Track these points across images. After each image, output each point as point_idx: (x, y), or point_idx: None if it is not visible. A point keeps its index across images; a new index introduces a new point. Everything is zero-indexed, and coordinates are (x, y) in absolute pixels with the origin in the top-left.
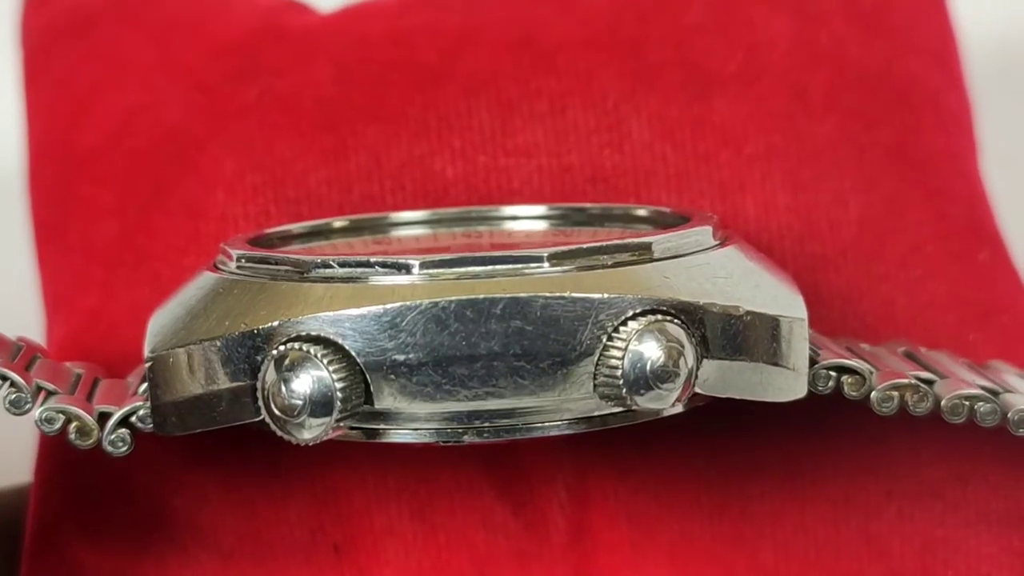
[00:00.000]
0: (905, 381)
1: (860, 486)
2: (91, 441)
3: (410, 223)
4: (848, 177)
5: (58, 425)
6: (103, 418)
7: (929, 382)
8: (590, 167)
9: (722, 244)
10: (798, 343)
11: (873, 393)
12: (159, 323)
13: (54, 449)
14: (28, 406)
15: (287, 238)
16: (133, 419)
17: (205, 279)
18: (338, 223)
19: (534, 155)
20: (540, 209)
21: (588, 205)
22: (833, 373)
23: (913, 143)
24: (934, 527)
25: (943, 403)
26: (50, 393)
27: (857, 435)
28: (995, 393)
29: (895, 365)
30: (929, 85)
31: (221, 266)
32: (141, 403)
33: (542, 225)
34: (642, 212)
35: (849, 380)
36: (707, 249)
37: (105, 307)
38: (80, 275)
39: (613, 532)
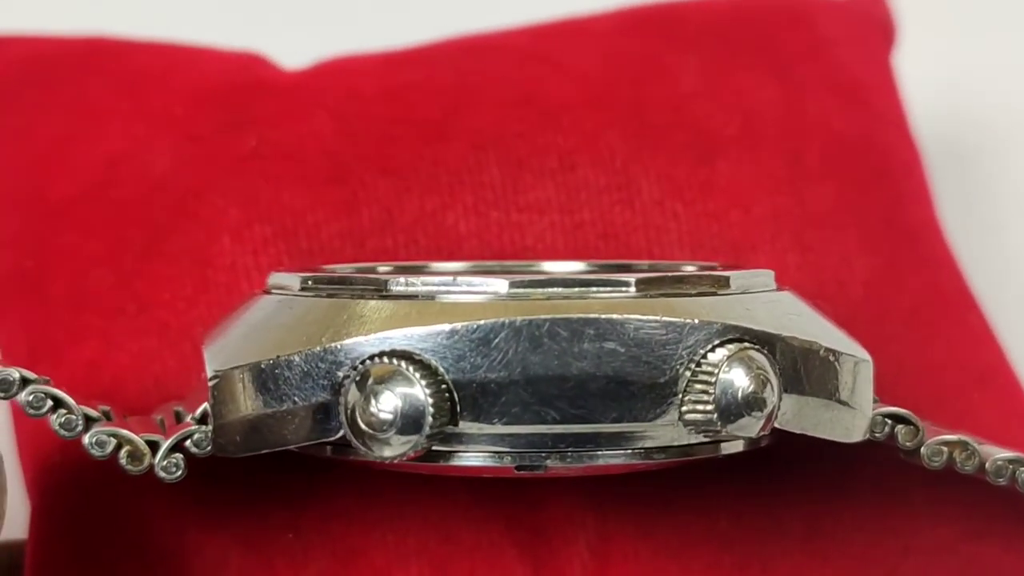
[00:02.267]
0: (954, 438)
1: (879, 544)
2: (143, 466)
3: (452, 273)
4: (850, 240)
5: (110, 449)
6: (152, 445)
7: (976, 443)
8: (601, 223)
9: (779, 290)
10: (863, 384)
11: (923, 447)
12: (218, 345)
13: (54, 507)
14: (79, 428)
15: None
16: (187, 443)
17: (266, 301)
18: (383, 268)
19: (546, 211)
20: (580, 266)
21: (636, 263)
22: (889, 420)
23: (900, 211)
24: None
25: (988, 464)
26: (93, 420)
27: (876, 493)
28: None
29: (935, 427)
30: (901, 158)
31: (277, 291)
32: (195, 428)
33: None
34: (691, 268)
35: (903, 430)
36: (773, 291)
37: (105, 357)
38: (70, 325)
39: None
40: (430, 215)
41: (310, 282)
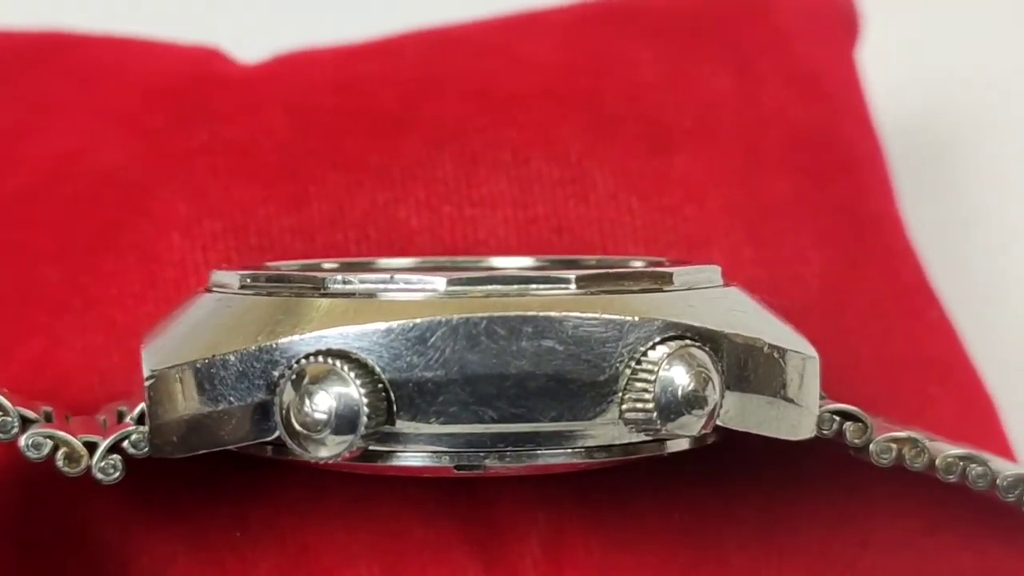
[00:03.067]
0: (903, 434)
1: (836, 538)
2: (80, 468)
3: (398, 269)
4: (806, 232)
5: (46, 451)
6: (90, 446)
7: (926, 440)
8: (555, 218)
9: (726, 285)
10: (809, 381)
11: (872, 444)
12: (156, 344)
13: (3, 508)
14: (14, 430)
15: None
16: (125, 444)
17: (205, 300)
18: (328, 264)
19: (499, 206)
20: (529, 261)
21: (584, 257)
22: (837, 417)
23: (860, 203)
24: None
25: (938, 460)
26: (31, 421)
27: (833, 486)
28: (986, 459)
29: (885, 424)
30: (862, 150)
31: (218, 288)
32: (133, 428)
33: None
34: (639, 263)
35: (852, 427)
36: (719, 286)
37: (50, 354)
38: (16, 322)
39: None
40: (381, 209)
41: (249, 280)
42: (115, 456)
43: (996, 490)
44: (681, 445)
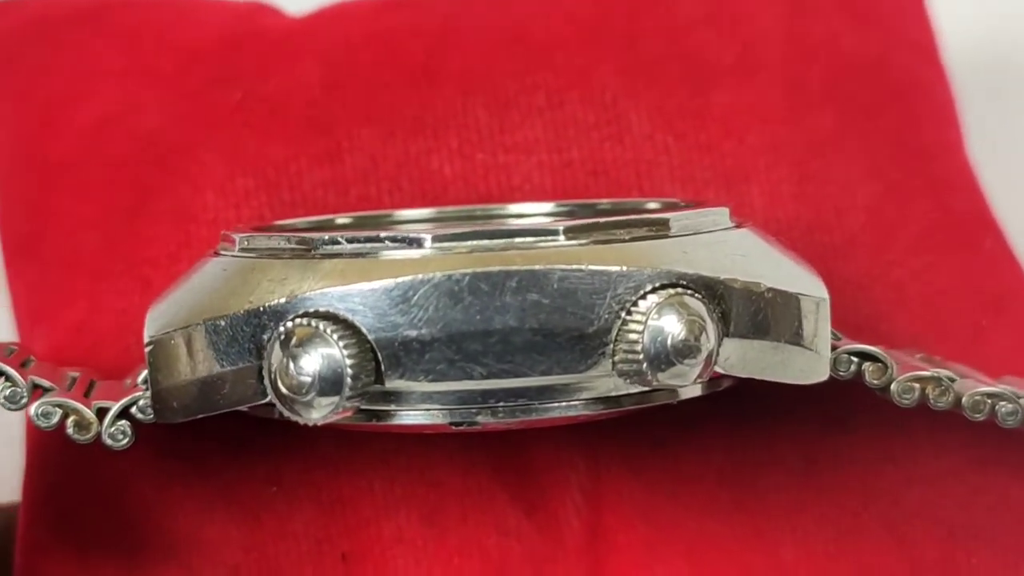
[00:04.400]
0: (927, 373)
1: (880, 474)
2: (90, 435)
3: (415, 221)
4: (853, 166)
5: (55, 420)
6: (101, 413)
7: (950, 379)
8: (591, 161)
9: (738, 227)
10: (820, 324)
11: (893, 384)
12: (159, 310)
13: (44, 465)
14: (24, 400)
15: (296, 230)
16: (133, 410)
17: (210, 264)
18: (341, 219)
19: (534, 151)
20: (548, 206)
21: (598, 201)
22: (855, 359)
23: (911, 134)
24: (955, 513)
25: (964, 399)
26: (46, 390)
27: (875, 422)
28: (1017, 396)
29: (914, 363)
30: (920, 78)
31: (223, 252)
32: (141, 393)
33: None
34: (654, 205)
35: (871, 368)
36: (725, 229)
37: (91, 319)
38: (62, 288)
39: (628, 532)
40: (414, 160)
41: (246, 241)
42: (123, 422)
43: None
44: (694, 391)
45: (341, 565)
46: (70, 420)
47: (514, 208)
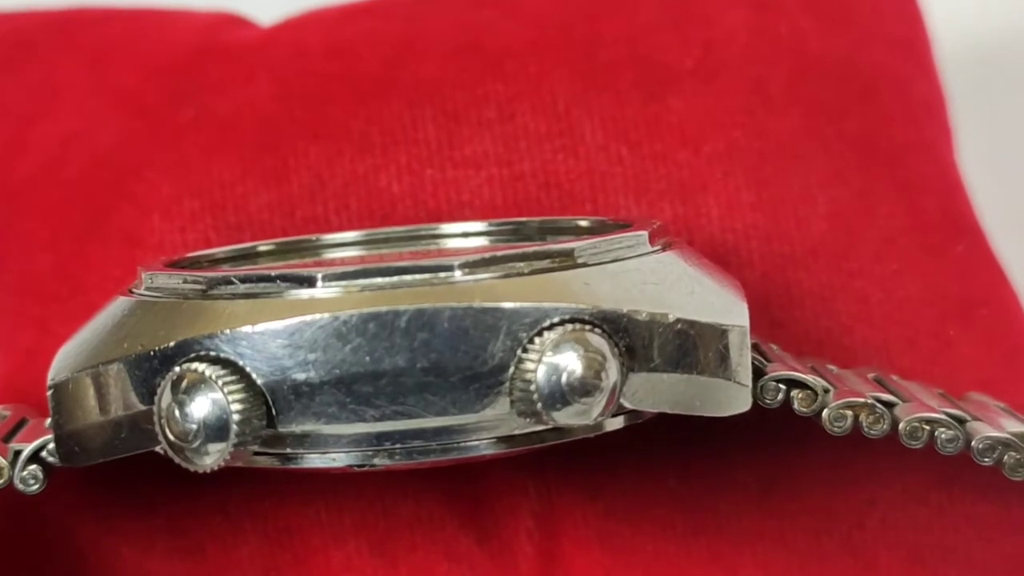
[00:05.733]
0: (861, 400)
1: (841, 496)
2: (2, 480)
3: (343, 244)
4: (814, 172)
5: None
6: (17, 457)
7: (889, 404)
8: (543, 174)
9: (662, 250)
10: (738, 352)
11: (825, 411)
12: (65, 350)
13: None
14: None
15: (214, 262)
16: (44, 453)
17: (116, 303)
18: (264, 247)
19: (483, 165)
20: (480, 225)
21: (530, 219)
22: (783, 386)
23: (881, 134)
24: (920, 534)
25: (901, 426)
26: None
27: (835, 444)
28: (960, 421)
29: (856, 386)
30: (896, 74)
31: (134, 289)
32: (50, 437)
33: (483, 241)
34: (585, 223)
35: (800, 395)
36: (641, 255)
37: (40, 344)
38: (16, 312)
39: (585, 557)
40: (362, 178)
41: (151, 280)
42: (34, 467)
43: (971, 454)
44: (617, 423)
45: None
46: None
47: (446, 227)
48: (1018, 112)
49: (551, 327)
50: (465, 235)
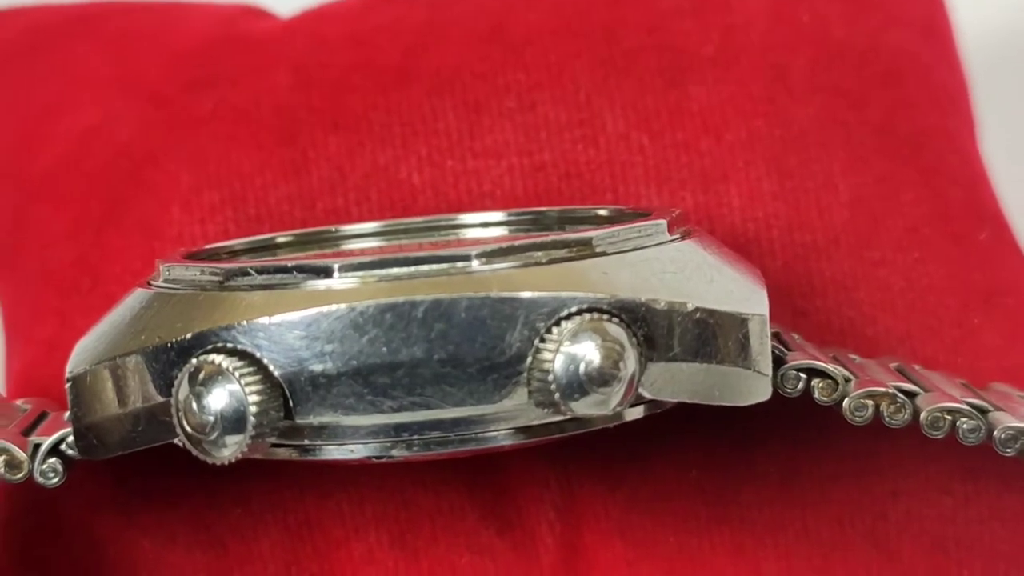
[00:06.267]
0: (882, 390)
1: (864, 487)
2: (22, 474)
3: (361, 235)
4: (836, 159)
5: None
6: (37, 450)
7: (911, 394)
8: (564, 163)
9: (682, 238)
10: (758, 341)
11: (846, 400)
12: (83, 343)
13: (11, 496)
14: None
15: (232, 253)
16: (63, 446)
17: (134, 295)
18: (282, 238)
19: (504, 155)
20: (500, 215)
21: (549, 209)
22: (803, 375)
23: (904, 120)
24: (945, 525)
25: (923, 416)
26: None
27: (858, 434)
28: (983, 411)
29: (878, 376)
30: (918, 60)
31: (152, 281)
32: (69, 430)
33: (503, 231)
34: (604, 212)
35: (820, 384)
36: (659, 244)
37: (60, 337)
38: (36, 304)
39: (607, 550)
40: (382, 169)
41: (168, 272)
42: (54, 460)
43: (994, 444)
44: (637, 412)
45: None
46: (0, 460)
47: (465, 218)
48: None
49: (569, 317)
50: (485, 225)
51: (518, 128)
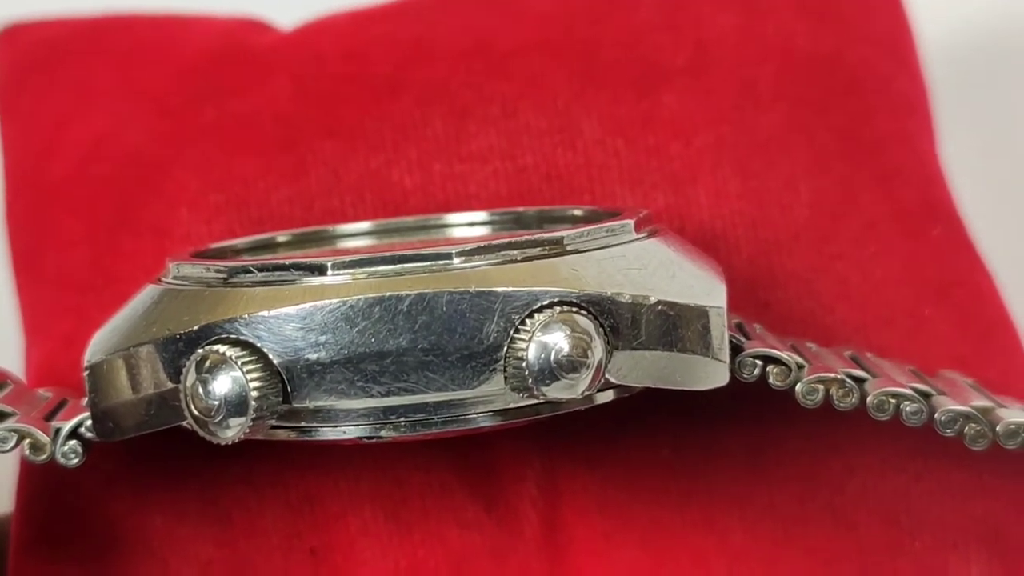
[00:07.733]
0: (832, 375)
1: (823, 464)
2: (45, 456)
3: (356, 234)
4: (798, 162)
5: (11, 444)
6: (59, 434)
7: (860, 380)
8: (544, 166)
9: (648, 237)
10: (717, 331)
11: (798, 385)
12: (100, 335)
13: (32, 476)
14: None
15: (236, 252)
16: (82, 429)
17: (146, 291)
18: (282, 237)
19: (489, 159)
20: (483, 215)
21: (528, 209)
22: (759, 362)
23: (864, 127)
24: (898, 499)
25: (869, 399)
26: (6, 415)
27: (817, 416)
28: (926, 396)
29: (831, 363)
30: (879, 71)
31: (163, 278)
32: (87, 414)
33: (486, 230)
34: (579, 212)
35: (775, 370)
36: (626, 243)
37: (77, 332)
38: (55, 302)
39: (585, 524)
40: (375, 172)
41: (177, 270)
42: (74, 442)
43: (935, 425)
44: (606, 396)
45: (310, 559)
46: (26, 443)
47: (450, 218)
48: (1004, 107)
49: (541, 309)
50: (471, 224)
51: (502, 134)
